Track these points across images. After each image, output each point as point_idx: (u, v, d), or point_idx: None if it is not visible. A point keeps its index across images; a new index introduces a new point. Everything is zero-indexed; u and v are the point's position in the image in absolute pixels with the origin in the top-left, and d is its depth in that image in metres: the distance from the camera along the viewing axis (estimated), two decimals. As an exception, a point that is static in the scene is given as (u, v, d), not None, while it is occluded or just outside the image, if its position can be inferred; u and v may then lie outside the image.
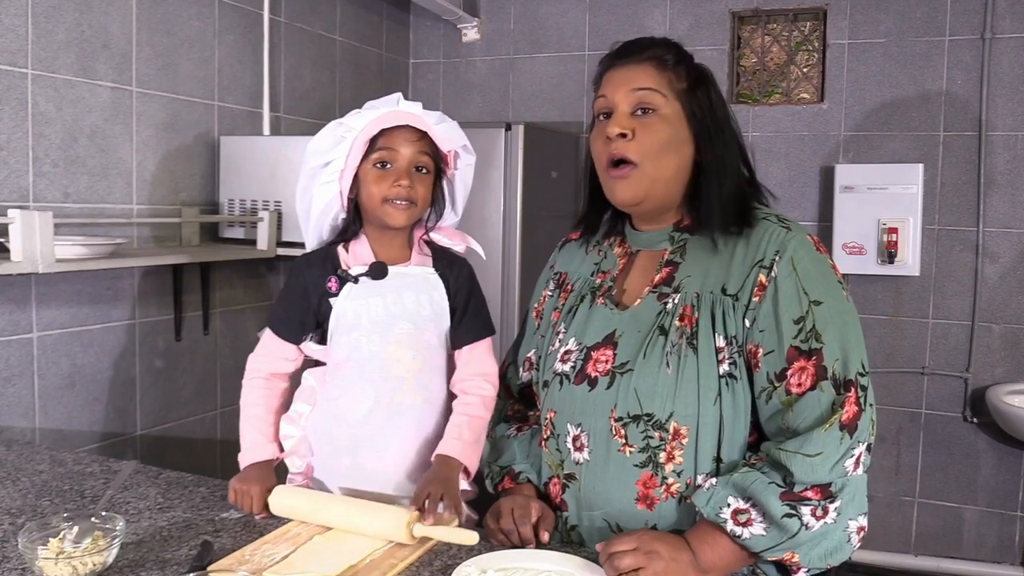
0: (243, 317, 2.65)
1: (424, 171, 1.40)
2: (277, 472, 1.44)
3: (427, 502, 1.23)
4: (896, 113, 3.05)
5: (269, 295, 2.75)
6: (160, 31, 2.29)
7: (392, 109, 1.41)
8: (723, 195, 1.24)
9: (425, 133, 1.40)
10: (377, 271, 1.40)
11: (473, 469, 1.39)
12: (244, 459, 1.40)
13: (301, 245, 2.44)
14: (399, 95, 1.42)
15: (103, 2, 2.12)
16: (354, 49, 3.23)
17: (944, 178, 3.02)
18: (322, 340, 1.46)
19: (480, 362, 1.44)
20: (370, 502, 1.30)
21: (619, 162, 1.24)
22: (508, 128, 2.73)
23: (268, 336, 1.47)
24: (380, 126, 1.38)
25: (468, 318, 1.44)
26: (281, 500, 1.32)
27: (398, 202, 1.37)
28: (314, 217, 1.45)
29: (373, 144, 1.38)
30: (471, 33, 3.54)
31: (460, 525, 1.33)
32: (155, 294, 2.32)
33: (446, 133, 1.43)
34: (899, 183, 2.97)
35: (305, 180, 1.44)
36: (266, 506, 1.31)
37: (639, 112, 1.24)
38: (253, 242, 2.41)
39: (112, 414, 2.21)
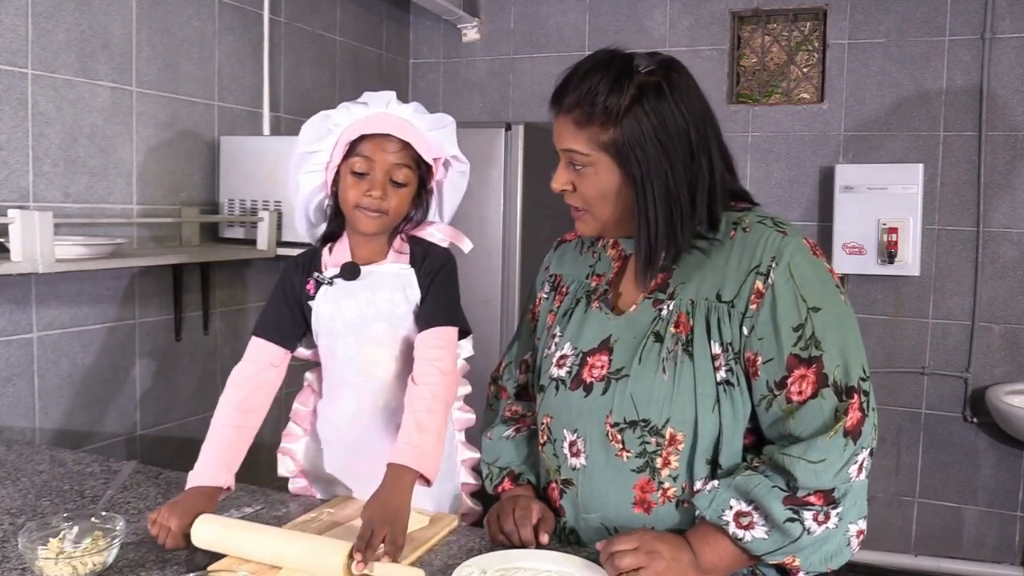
0: (243, 317, 2.65)
1: (403, 181, 1.36)
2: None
3: (364, 545, 1.09)
4: (896, 113, 3.05)
5: (269, 295, 2.74)
6: (160, 31, 2.29)
7: (380, 111, 1.37)
8: (652, 237, 1.19)
9: (408, 143, 1.35)
10: (348, 272, 1.39)
11: (432, 472, 1.28)
12: (191, 479, 1.29)
13: (301, 245, 2.45)
14: (391, 96, 1.38)
15: (103, 2, 2.12)
16: (354, 49, 3.23)
17: (944, 178, 3.02)
18: (311, 344, 1.46)
19: (433, 348, 1.36)
20: (306, 535, 1.18)
21: None
22: (508, 128, 2.73)
23: (254, 344, 1.42)
24: (362, 131, 1.34)
25: (427, 303, 1.40)
26: (206, 532, 1.18)
27: (369, 212, 1.35)
28: (300, 200, 1.44)
29: (354, 147, 1.35)
30: (471, 33, 3.54)
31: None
32: (155, 294, 2.32)
33: (435, 142, 1.39)
34: (899, 183, 2.97)
35: (294, 164, 1.43)
36: (187, 539, 1.18)
37: (574, 167, 1.22)
38: (253, 242, 2.41)
39: (112, 414, 2.21)
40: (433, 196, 1.46)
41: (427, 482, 1.28)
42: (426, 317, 1.39)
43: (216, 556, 1.16)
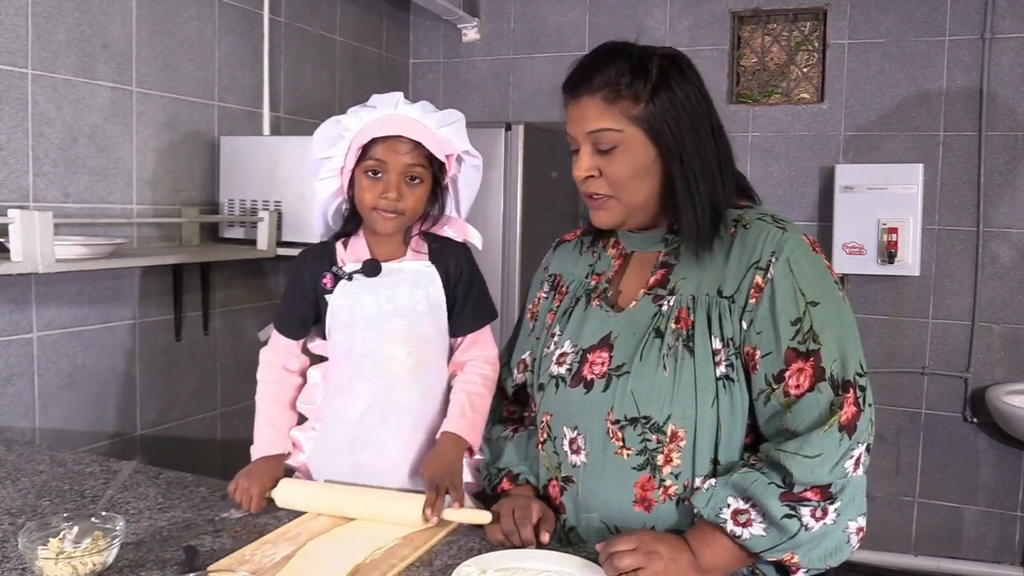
0: (243, 317, 2.65)
1: (417, 181, 1.38)
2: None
3: (435, 498, 1.26)
4: (896, 113, 3.05)
5: (269, 295, 2.75)
6: (160, 31, 2.29)
7: (389, 113, 1.38)
8: (699, 210, 1.20)
9: (420, 143, 1.37)
10: (370, 268, 1.40)
11: (476, 447, 1.41)
12: (255, 452, 1.43)
13: (301, 245, 2.45)
14: (399, 97, 1.40)
15: (103, 2, 2.12)
16: (354, 49, 3.23)
17: (944, 178, 3.02)
18: (323, 336, 1.47)
19: (482, 346, 1.46)
20: (381, 489, 1.34)
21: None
22: (508, 128, 2.73)
23: (274, 336, 1.49)
24: (373, 134, 1.35)
25: (469, 306, 1.45)
26: (289, 493, 1.34)
27: (386, 213, 1.37)
28: (318, 206, 1.46)
29: (366, 151, 1.37)
30: (471, 33, 3.54)
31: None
32: (155, 294, 2.32)
33: (446, 138, 1.40)
34: (899, 183, 2.97)
35: (310, 171, 1.44)
36: (269, 501, 1.34)
37: (601, 150, 1.21)
38: (253, 242, 2.41)
39: (112, 414, 2.21)
40: (449, 192, 1.47)
41: (471, 453, 1.41)
42: (469, 318, 1.45)
43: (218, 555, 1.17)
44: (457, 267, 1.44)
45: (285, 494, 1.34)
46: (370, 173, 1.37)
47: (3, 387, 1.93)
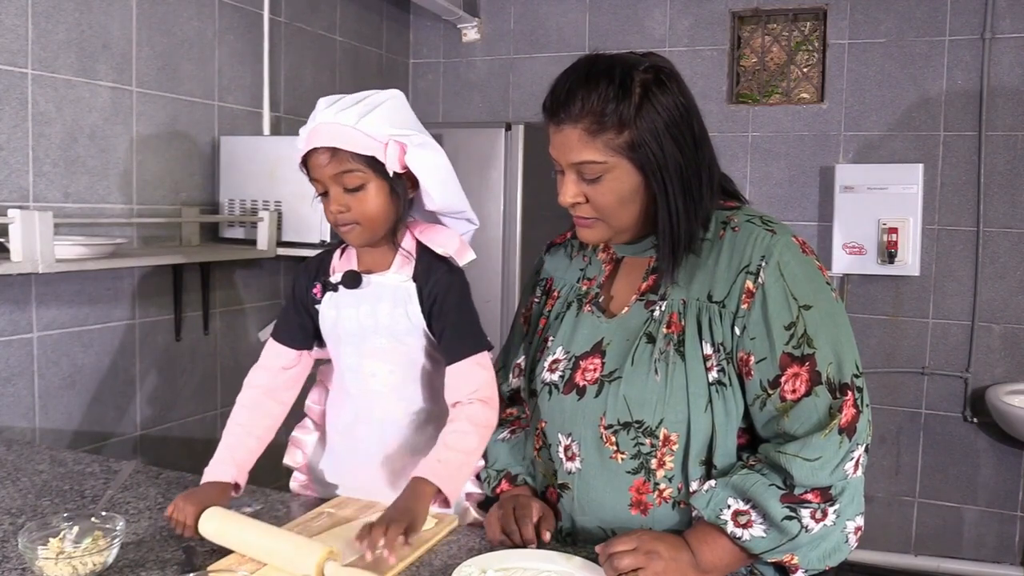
0: (243, 317, 2.65)
1: (357, 186, 1.27)
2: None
3: (376, 537, 1.10)
4: (896, 113, 3.05)
5: (269, 295, 2.75)
6: (160, 31, 2.29)
7: (311, 126, 1.29)
8: (676, 238, 1.19)
9: (337, 148, 1.25)
10: (350, 280, 1.35)
11: (451, 490, 1.25)
12: (205, 473, 1.32)
13: (301, 245, 2.45)
14: (322, 104, 1.29)
15: (103, 2, 2.12)
16: (354, 49, 3.23)
17: (944, 178, 3.02)
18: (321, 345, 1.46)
19: (469, 381, 1.31)
20: (293, 535, 1.17)
21: None
22: (508, 128, 2.73)
23: (268, 347, 1.42)
24: (301, 154, 1.30)
25: (448, 335, 1.32)
26: (209, 523, 1.21)
27: (341, 227, 1.30)
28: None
29: (307, 171, 1.32)
30: (471, 33, 3.54)
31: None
32: (155, 294, 2.32)
33: (371, 129, 1.26)
34: (899, 183, 2.97)
35: None
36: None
37: (587, 178, 1.19)
38: (253, 242, 2.41)
39: (112, 414, 2.21)
40: (417, 184, 1.33)
41: (447, 503, 1.27)
42: (454, 349, 1.32)
43: (218, 555, 1.17)
44: (431, 293, 1.32)
45: (207, 526, 1.20)
46: (317, 192, 1.32)
47: (3, 387, 1.93)
